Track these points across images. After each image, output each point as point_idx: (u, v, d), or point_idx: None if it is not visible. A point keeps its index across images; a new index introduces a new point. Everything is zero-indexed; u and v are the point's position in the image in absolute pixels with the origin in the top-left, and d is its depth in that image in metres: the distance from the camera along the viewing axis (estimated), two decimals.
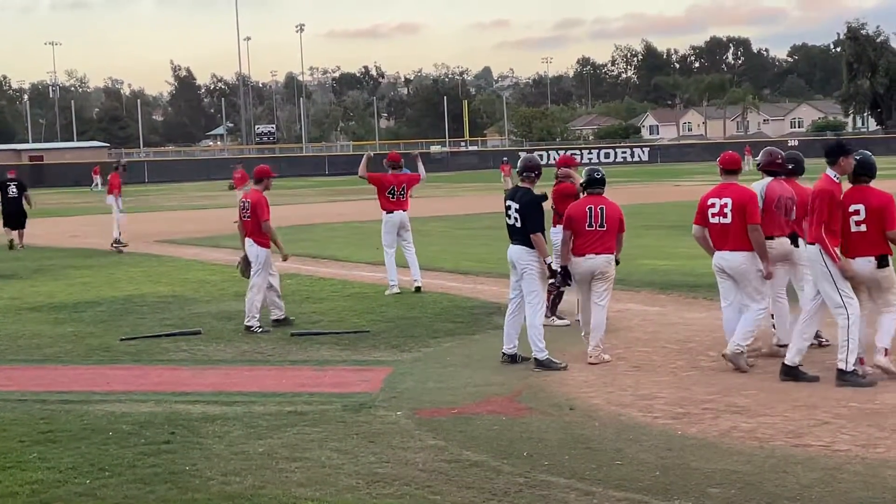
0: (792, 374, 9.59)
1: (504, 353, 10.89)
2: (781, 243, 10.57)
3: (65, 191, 70.93)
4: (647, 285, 15.75)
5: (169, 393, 9.92)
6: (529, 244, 10.71)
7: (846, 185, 9.67)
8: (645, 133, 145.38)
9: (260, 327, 13.04)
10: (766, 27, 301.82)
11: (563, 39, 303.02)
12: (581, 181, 11.55)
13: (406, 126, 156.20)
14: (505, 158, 65.35)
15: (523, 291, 10.81)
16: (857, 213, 9.44)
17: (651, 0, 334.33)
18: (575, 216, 11.00)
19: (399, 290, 15.82)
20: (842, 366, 9.33)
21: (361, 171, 16.48)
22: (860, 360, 9.44)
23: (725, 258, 10.24)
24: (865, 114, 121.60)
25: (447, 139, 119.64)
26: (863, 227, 9.42)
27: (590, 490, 6.77)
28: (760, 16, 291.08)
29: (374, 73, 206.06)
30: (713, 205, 10.27)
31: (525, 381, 9.93)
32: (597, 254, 10.90)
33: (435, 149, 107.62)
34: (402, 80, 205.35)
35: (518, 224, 10.78)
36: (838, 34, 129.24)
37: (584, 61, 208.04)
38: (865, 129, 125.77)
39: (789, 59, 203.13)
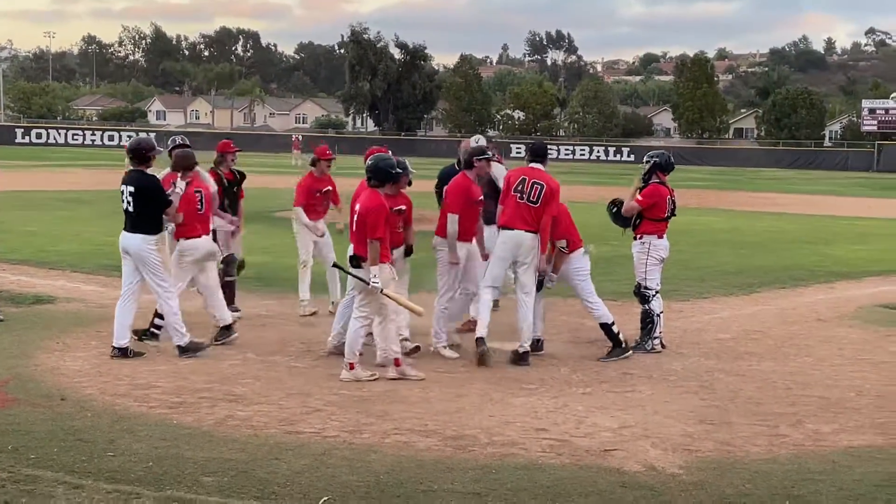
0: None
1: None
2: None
3: None
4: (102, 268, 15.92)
5: None
6: (145, 231, 10.24)
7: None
8: (152, 118, 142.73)
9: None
10: (273, 22, 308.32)
11: (63, 14, 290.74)
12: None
13: None
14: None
15: (147, 280, 10.37)
16: (355, 212, 9.89)
17: None
18: None
19: None
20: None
21: None
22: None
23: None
24: (365, 114, 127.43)
25: None
26: (354, 227, 9.87)
27: (79, 483, 6.55)
28: (266, 11, 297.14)
29: None
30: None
31: (13, 371, 9.41)
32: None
33: None
34: None
35: (131, 209, 10.25)
36: (342, 36, 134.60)
37: (89, 39, 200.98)
38: (364, 130, 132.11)
39: (296, 56, 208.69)
